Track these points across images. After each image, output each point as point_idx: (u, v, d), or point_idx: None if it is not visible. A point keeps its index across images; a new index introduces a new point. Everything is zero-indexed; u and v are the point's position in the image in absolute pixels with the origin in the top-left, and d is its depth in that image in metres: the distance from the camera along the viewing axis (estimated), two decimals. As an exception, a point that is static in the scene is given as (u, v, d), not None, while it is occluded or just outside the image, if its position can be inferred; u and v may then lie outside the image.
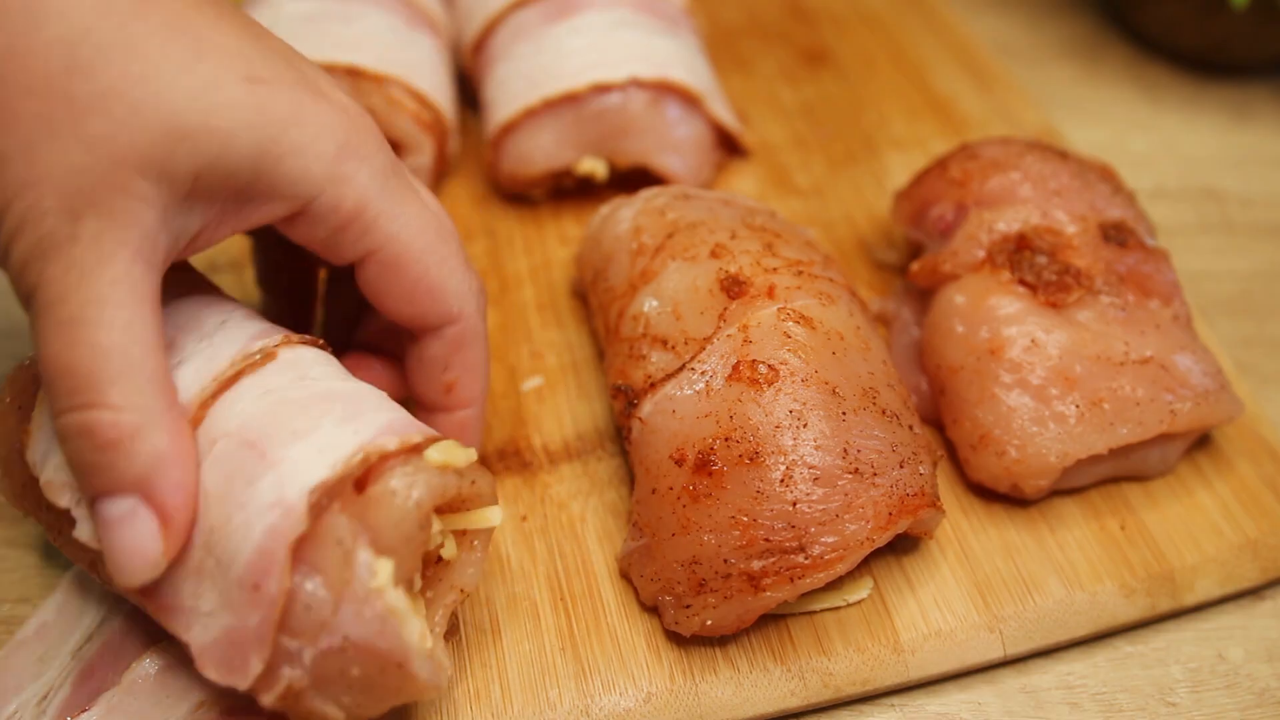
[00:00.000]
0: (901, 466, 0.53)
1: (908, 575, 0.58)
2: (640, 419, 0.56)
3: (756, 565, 0.51)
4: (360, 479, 0.45)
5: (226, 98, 0.43)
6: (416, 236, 0.50)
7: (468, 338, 0.54)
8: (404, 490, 0.45)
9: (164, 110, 0.42)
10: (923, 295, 0.66)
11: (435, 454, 0.46)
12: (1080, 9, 1.06)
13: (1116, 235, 0.63)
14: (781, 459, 0.51)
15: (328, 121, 0.47)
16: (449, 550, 0.49)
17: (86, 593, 0.54)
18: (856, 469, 0.52)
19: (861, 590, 0.56)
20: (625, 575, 0.57)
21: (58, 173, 0.41)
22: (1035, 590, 0.57)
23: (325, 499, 0.44)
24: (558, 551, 0.58)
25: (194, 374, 0.47)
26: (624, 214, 0.65)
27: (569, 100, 0.73)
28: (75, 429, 0.42)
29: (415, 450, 0.46)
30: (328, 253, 0.50)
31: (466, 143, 0.82)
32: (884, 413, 0.54)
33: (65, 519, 0.47)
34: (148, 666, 0.50)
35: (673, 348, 0.57)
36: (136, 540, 0.43)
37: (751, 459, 0.51)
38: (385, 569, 0.44)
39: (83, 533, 0.45)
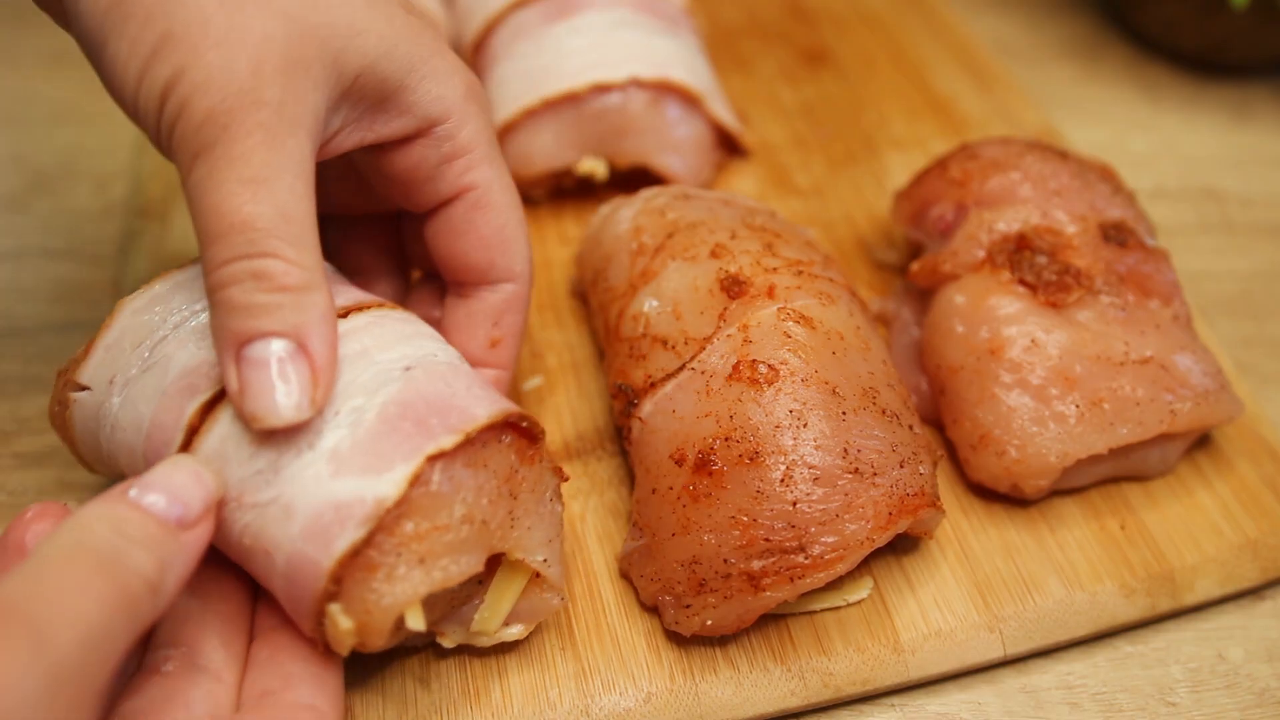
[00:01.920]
0: (901, 466, 0.53)
1: (908, 575, 0.58)
2: (640, 419, 0.56)
3: (756, 565, 0.51)
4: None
5: (393, 12, 0.49)
6: (506, 189, 0.55)
7: (521, 299, 0.57)
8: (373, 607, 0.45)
9: (347, 6, 0.46)
10: (923, 295, 0.66)
11: (340, 621, 0.44)
12: (1080, 9, 1.06)
13: (1116, 235, 0.63)
14: (781, 459, 0.51)
15: (458, 66, 0.52)
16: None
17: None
18: (856, 469, 0.52)
19: (861, 590, 0.56)
20: (625, 575, 0.57)
21: (253, 37, 0.43)
22: (1035, 590, 0.57)
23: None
24: (558, 551, 0.58)
25: None
26: (624, 214, 0.65)
27: (569, 100, 0.73)
28: (248, 273, 0.43)
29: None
30: (424, 184, 0.53)
31: (466, 143, 0.82)
32: (884, 413, 0.54)
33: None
34: None
35: (673, 348, 0.57)
36: (294, 379, 0.44)
37: (751, 459, 0.51)
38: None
39: (231, 382, 0.45)
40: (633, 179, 0.76)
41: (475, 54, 0.81)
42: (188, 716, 0.43)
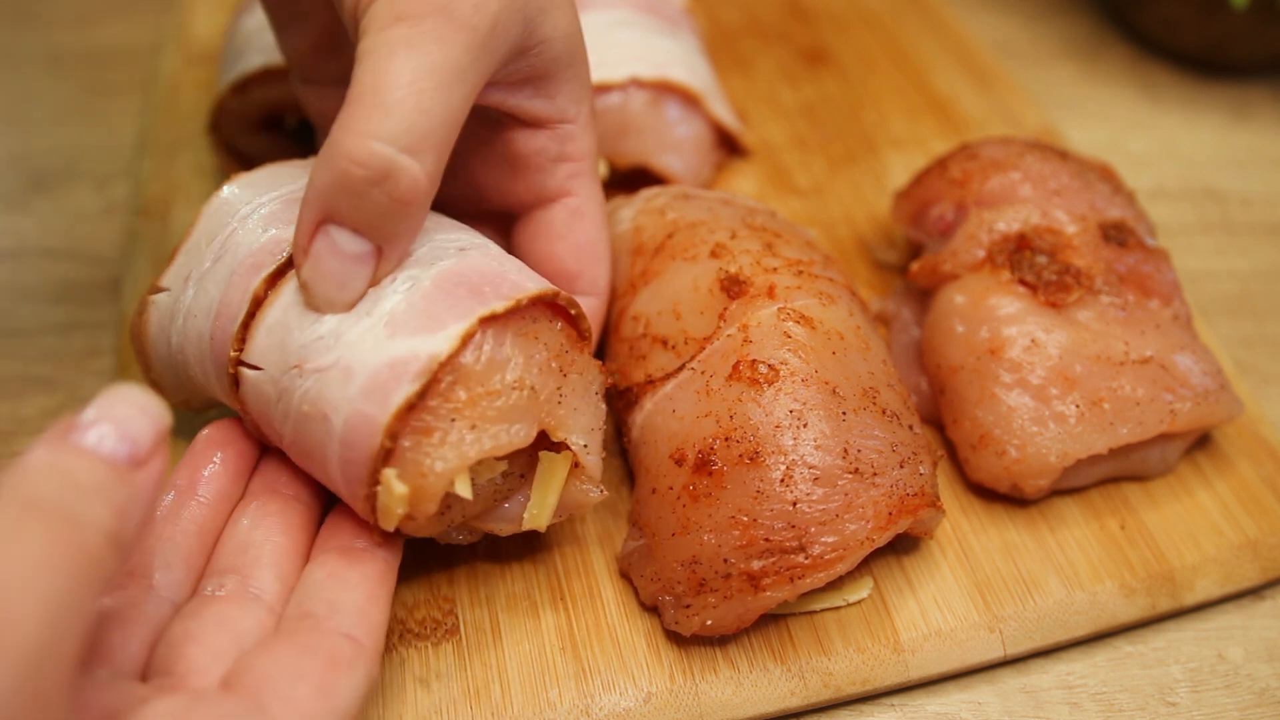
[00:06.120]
0: (901, 466, 0.53)
1: (908, 575, 0.58)
2: (640, 419, 0.56)
3: (756, 565, 0.51)
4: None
5: (571, 4, 0.51)
6: (601, 208, 0.58)
7: (600, 316, 0.60)
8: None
9: None
10: (923, 295, 0.66)
11: (394, 486, 0.45)
12: (1080, 9, 1.06)
13: (1116, 235, 0.63)
14: (781, 459, 0.51)
15: (591, 83, 0.55)
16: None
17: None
18: (856, 469, 0.52)
19: (861, 590, 0.56)
20: (625, 575, 0.57)
21: None
22: (1035, 590, 0.57)
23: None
24: (558, 551, 0.58)
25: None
26: (624, 214, 0.65)
27: (569, 100, 0.73)
28: (381, 162, 0.42)
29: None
30: (534, 174, 0.55)
31: (466, 143, 0.82)
32: (884, 413, 0.54)
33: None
34: None
35: (673, 347, 0.57)
36: (356, 280, 0.46)
37: (751, 459, 0.51)
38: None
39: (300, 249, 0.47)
40: (633, 179, 0.76)
41: (475, 54, 0.81)
42: (236, 643, 0.43)
